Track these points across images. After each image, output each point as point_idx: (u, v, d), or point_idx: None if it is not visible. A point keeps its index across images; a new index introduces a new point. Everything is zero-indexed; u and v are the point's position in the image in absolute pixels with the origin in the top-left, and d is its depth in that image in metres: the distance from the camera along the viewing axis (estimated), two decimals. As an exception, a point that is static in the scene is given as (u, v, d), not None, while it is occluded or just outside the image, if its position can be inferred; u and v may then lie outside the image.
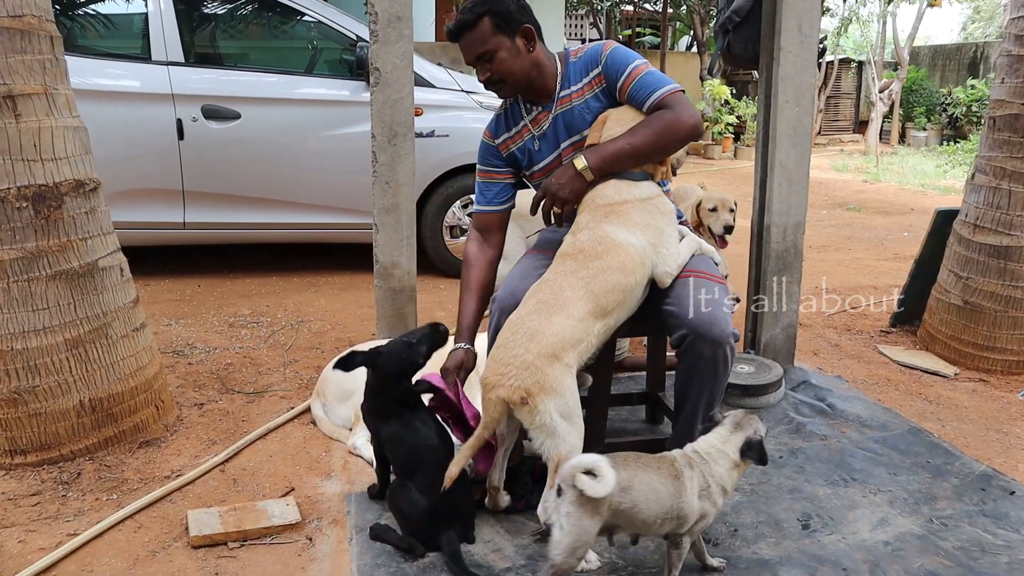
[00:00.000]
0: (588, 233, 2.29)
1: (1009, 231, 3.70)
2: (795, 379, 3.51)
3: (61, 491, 2.60)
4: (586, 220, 2.32)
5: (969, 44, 17.70)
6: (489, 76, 2.45)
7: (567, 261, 2.27)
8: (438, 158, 5.01)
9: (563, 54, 2.57)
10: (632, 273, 2.25)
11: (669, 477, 2.01)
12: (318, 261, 5.56)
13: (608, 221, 2.28)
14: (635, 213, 2.30)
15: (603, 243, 2.25)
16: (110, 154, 4.45)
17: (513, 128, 2.61)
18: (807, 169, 3.51)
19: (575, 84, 2.52)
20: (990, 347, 3.78)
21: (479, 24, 2.38)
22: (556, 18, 12.23)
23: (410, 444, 2.31)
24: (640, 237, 2.28)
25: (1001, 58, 3.80)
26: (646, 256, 2.28)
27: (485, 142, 2.67)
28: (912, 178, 11.15)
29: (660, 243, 2.33)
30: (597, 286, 2.21)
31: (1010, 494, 2.62)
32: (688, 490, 2.01)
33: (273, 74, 5.10)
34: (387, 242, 3.25)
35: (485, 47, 2.40)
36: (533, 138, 2.57)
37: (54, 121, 2.71)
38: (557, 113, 2.52)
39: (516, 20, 2.41)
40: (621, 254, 2.24)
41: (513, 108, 2.62)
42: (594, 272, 2.22)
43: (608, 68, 2.46)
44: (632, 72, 2.42)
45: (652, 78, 2.41)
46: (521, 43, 2.43)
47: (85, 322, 2.79)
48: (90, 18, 5.20)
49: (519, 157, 2.62)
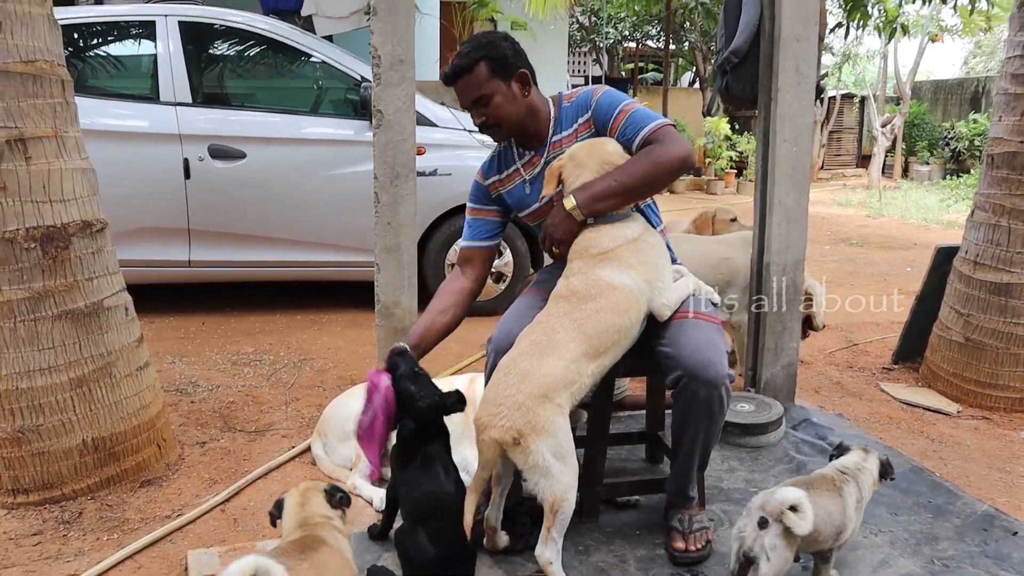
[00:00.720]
0: (581, 277, 2.30)
1: (1009, 268, 3.71)
2: (796, 417, 3.51)
3: (62, 531, 2.61)
4: (579, 266, 2.33)
5: (971, 79, 17.83)
6: (484, 120, 2.49)
7: (560, 303, 2.29)
8: (440, 197, 5.06)
9: (556, 98, 2.61)
10: (626, 313, 2.26)
11: (836, 495, 2.19)
12: (322, 299, 5.59)
13: (601, 266, 2.30)
14: (627, 254, 2.31)
15: (596, 285, 2.26)
16: (118, 193, 4.51)
17: (504, 171, 2.64)
18: (806, 207, 3.54)
19: (567, 129, 2.55)
20: (992, 384, 3.78)
21: (475, 69, 2.42)
22: (559, 55, 12.38)
23: (426, 489, 2.27)
24: (634, 276, 2.29)
25: (998, 96, 3.84)
26: (641, 294, 2.30)
27: (477, 181, 2.71)
28: (915, 212, 11.19)
29: (655, 278, 2.34)
30: (590, 327, 2.22)
31: (1013, 534, 2.61)
32: (849, 505, 2.19)
33: (278, 114, 5.17)
34: (388, 281, 3.28)
35: (481, 91, 2.44)
36: (524, 182, 2.60)
37: (63, 163, 2.76)
38: (550, 157, 2.55)
39: (512, 65, 2.45)
40: (615, 295, 2.25)
41: (506, 151, 2.65)
42: (587, 314, 2.23)
43: (597, 112, 2.50)
44: (621, 111, 2.44)
45: (640, 115, 2.42)
46: (516, 88, 2.47)
47: (89, 361, 2.81)
48: (101, 59, 5.30)
49: (507, 200, 2.66)
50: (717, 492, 2.85)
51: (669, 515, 2.51)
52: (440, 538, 2.21)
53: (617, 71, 19.10)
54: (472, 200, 2.73)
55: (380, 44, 3.11)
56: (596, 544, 2.53)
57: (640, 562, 2.43)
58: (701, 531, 2.45)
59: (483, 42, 2.44)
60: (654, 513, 2.67)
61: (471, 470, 2.75)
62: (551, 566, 2.17)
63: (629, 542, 2.54)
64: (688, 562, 2.40)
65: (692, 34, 15.73)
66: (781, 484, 2.15)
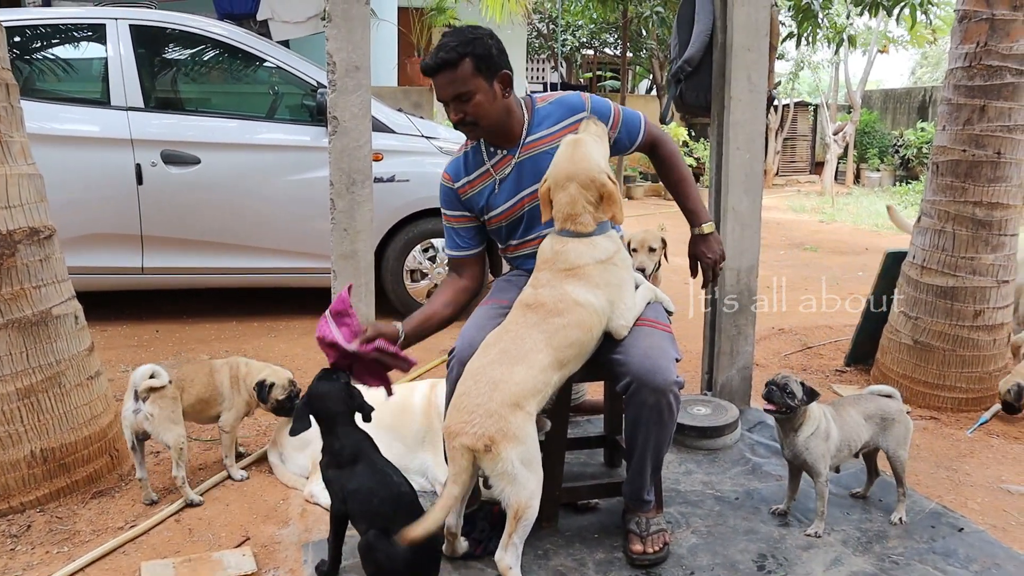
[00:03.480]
0: (550, 291, 2.30)
1: (955, 272, 3.81)
2: (751, 420, 3.56)
3: (9, 544, 2.54)
4: (547, 278, 2.32)
5: (918, 88, 18.28)
6: (462, 117, 2.45)
7: (528, 313, 2.29)
8: (398, 203, 5.05)
9: (528, 100, 2.61)
10: (590, 330, 2.30)
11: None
12: (278, 306, 5.54)
13: (569, 282, 2.30)
14: (596, 273, 2.31)
15: (564, 301, 2.27)
16: (68, 199, 4.43)
17: (475, 172, 2.62)
18: (759, 213, 3.60)
19: (546, 129, 2.55)
20: (940, 385, 3.88)
21: (460, 64, 2.38)
22: (518, 62, 12.45)
23: (383, 494, 2.25)
24: (600, 296, 2.31)
25: (942, 106, 3.95)
26: (604, 314, 2.32)
27: (445, 185, 2.67)
28: (866, 218, 11.43)
29: (618, 299, 2.36)
30: (557, 341, 2.24)
31: (959, 531, 2.68)
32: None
33: (234, 119, 5.10)
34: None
35: (463, 88, 2.40)
36: (495, 182, 2.59)
37: (8, 169, 2.70)
38: (522, 159, 2.55)
39: (496, 64, 2.43)
40: (581, 312, 2.27)
41: (474, 152, 2.62)
42: (555, 328, 2.25)
43: (594, 114, 2.56)
44: (615, 117, 2.62)
45: (628, 116, 2.66)
46: (498, 88, 2.45)
47: (38, 371, 2.75)
48: (49, 63, 5.19)
49: (477, 201, 2.63)
50: (675, 494, 2.89)
51: (627, 518, 2.53)
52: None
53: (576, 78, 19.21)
54: (444, 206, 2.71)
55: (335, 51, 3.10)
56: (555, 548, 2.54)
57: (599, 565, 2.45)
58: (658, 533, 2.47)
59: (469, 37, 2.40)
60: (613, 516, 2.70)
61: (431, 476, 2.75)
62: (511, 571, 2.17)
63: (588, 545, 2.55)
64: (646, 564, 2.43)
65: (649, 42, 15.89)
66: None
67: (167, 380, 2.78)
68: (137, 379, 2.74)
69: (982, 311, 3.79)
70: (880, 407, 2.76)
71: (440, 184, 2.70)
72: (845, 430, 2.68)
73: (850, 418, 2.70)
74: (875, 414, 2.74)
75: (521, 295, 2.37)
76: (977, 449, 3.45)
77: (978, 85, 3.72)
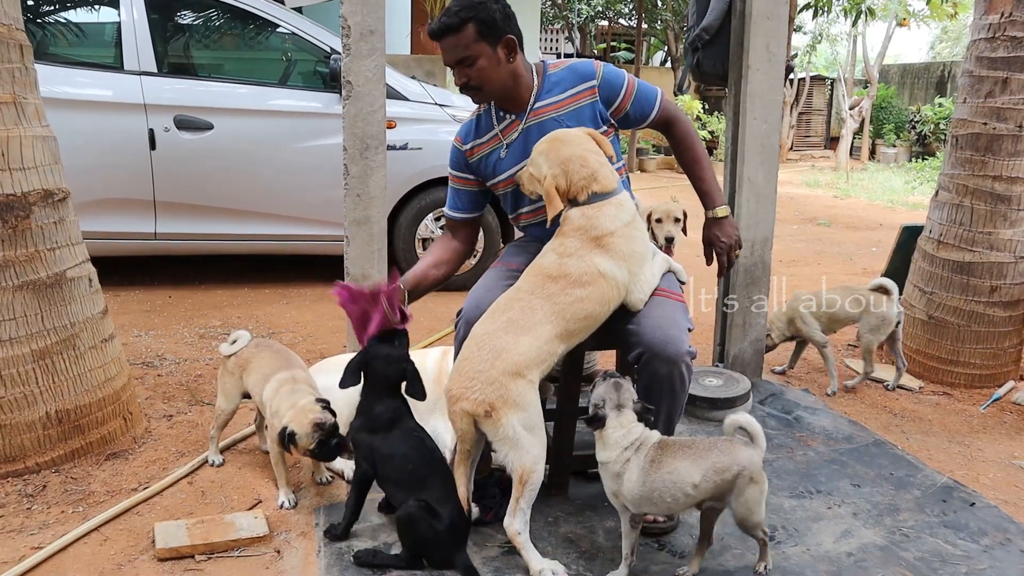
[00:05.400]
0: (577, 261, 2.26)
1: (971, 247, 3.77)
2: (763, 392, 3.56)
3: (26, 504, 2.57)
4: (575, 246, 2.27)
5: (937, 63, 18.02)
6: (466, 81, 2.46)
7: (548, 284, 2.25)
8: (411, 171, 5.03)
9: (540, 66, 2.59)
10: (608, 304, 2.28)
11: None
12: (290, 272, 5.55)
13: (597, 252, 2.26)
14: (622, 242, 2.28)
15: (589, 273, 2.24)
16: (81, 163, 4.42)
17: (485, 135, 2.62)
18: (775, 185, 3.56)
19: (556, 95, 2.54)
20: (954, 361, 3.86)
21: (463, 29, 2.39)
22: (532, 32, 12.32)
23: (416, 457, 2.27)
24: (623, 269, 2.28)
25: (963, 78, 3.89)
26: (624, 286, 2.30)
27: (455, 146, 2.68)
28: (881, 194, 11.34)
29: (639, 271, 2.34)
30: (571, 312, 2.23)
31: (970, 505, 2.67)
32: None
33: (247, 85, 5.08)
34: (358, 255, 3.26)
35: (466, 52, 2.41)
36: (502, 146, 2.58)
37: (23, 130, 2.70)
38: (530, 124, 2.53)
39: (500, 29, 2.42)
40: (604, 285, 2.25)
41: (486, 115, 2.63)
42: (572, 300, 2.23)
43: (605, 83, 2.54)
44: (627, 88, 2.57)
45: (644, 89, 2.60)
46: (502, 52, 2.44)
47: (52, 333, 2.76)
48: (62, 26, 5.17)
49: (484, 166, 2.63)
50: (684, 465, 2.89)
51: (637, 487, 2.53)
52: (448, 501, 2.23)
53: (589, 49, 19.03)
54: (452, 166, 2.72)
55: (350, 14, 3.06)
56: (565, 516, 2.55)
57: (608, 533, 2.46)
58: (668, 503, 2.47)
59: (474, 2, 2.39)
60: (622, 485, 2.70)
61: (442, 441, 2.76)
62: (519, 536, 2.18)
63: (598, 513, 2.56)
64: (656, 533, 2.44)
65: (665, 13, 15.70)
66: None
67: (232, 352, 2.80)
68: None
69: (999, 287, 3.75)
70: (735, 460, 2.13)
71: (452, 145, 2.71)
72: (656, 484, 2.12)
73: (674, 471, 2.12)
74: (724, 468, 2.12)
75: (542, 262, 2.32)
76: (990, 425, 3.44)
77: (1001, 57, 3.66)
